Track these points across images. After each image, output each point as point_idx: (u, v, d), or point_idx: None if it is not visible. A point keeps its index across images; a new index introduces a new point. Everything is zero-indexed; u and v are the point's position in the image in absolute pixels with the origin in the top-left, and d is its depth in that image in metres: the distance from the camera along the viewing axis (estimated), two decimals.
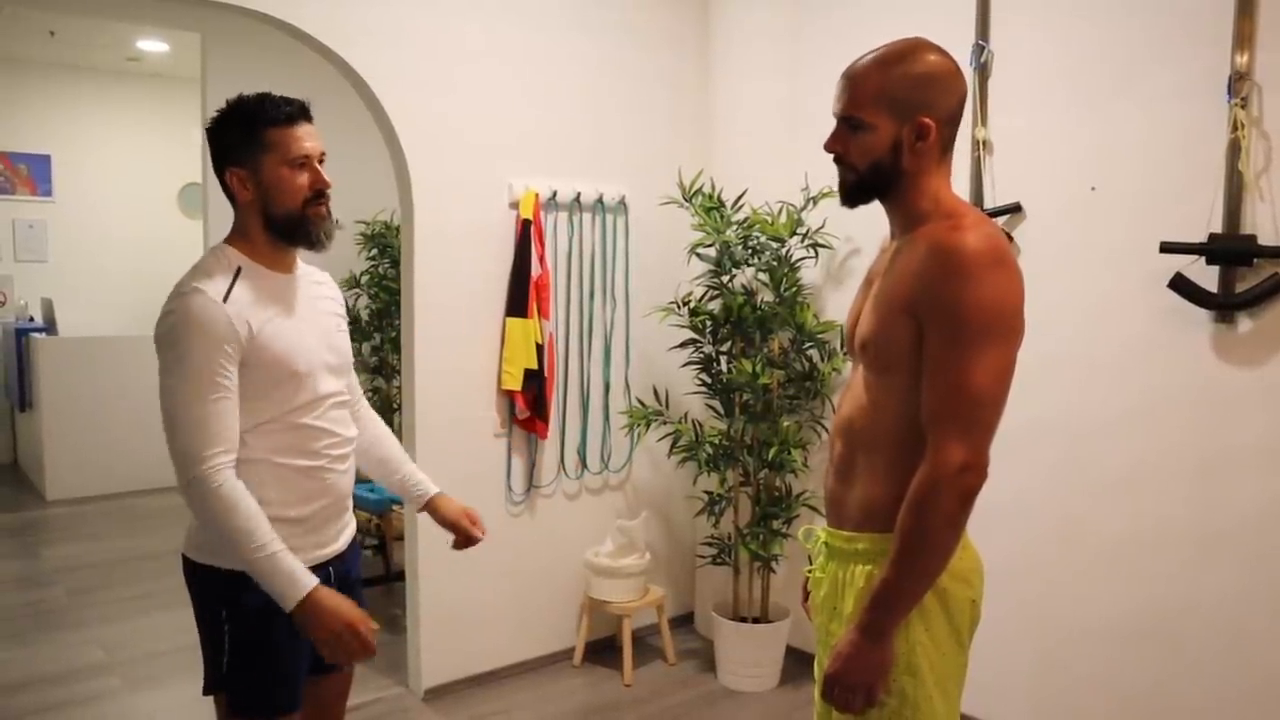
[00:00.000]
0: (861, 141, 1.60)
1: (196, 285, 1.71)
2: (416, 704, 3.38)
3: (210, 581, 1.80)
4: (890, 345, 1.57)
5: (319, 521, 1.87)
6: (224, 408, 1.70)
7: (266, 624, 1.76)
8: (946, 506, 1.47)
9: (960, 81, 1.62)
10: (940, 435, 1.48)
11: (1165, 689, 2.74)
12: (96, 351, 6.31)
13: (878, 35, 3.61)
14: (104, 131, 7.20)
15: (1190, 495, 2.69)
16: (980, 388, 1.47)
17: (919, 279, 1.51)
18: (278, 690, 1.84)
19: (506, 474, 3.55)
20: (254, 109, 1.77)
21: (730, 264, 3.43)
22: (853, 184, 1.66)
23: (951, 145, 1.64)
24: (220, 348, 1.69)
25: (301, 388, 1.79)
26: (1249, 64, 2.55)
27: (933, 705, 1.60)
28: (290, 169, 1.77)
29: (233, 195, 1.82)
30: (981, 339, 1.46)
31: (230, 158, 1.78)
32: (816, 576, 1.78)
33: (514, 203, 3.47)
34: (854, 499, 1.66)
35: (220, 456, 1.69)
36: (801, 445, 3.44)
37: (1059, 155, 2.92)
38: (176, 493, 1.80)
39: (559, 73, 3.58)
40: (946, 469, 1.46)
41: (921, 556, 1.51)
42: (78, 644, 3.91)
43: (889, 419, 1.60)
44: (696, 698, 3.48)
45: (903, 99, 1.56)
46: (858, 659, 1.55)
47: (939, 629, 1.60)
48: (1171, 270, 2.65)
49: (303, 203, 1.79)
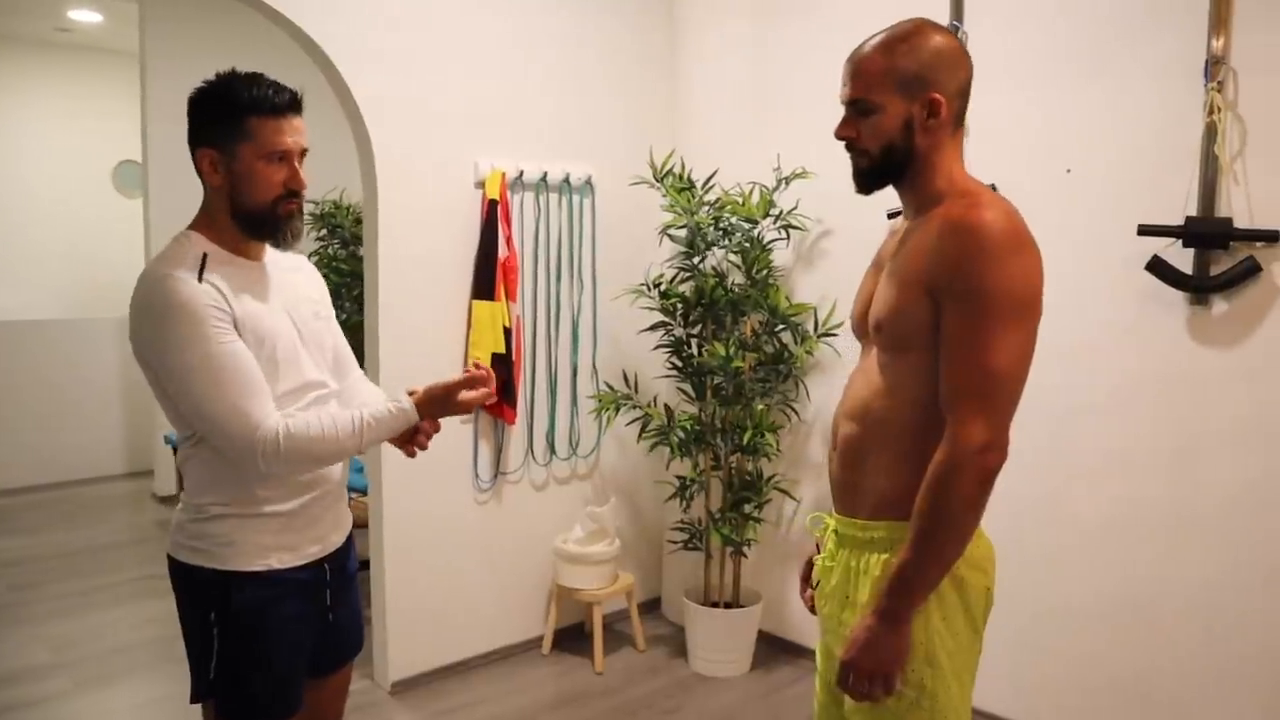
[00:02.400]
0: (872, 124, 1.57)
1: (167, 272, 1.61)
2: (384, 698, 3.30)
3: (196, 582, 1.71)
4: (907, 325, 1.54)
5: (314, 515, 1.78)
6: (240, 364, 1.61)
7: (258, 626, 1.69)
8: (966, 488, 1.45)
9: (966, 59, 1.60)
10: (960, 415, 1.46)
11: (1143, 668, 2.77)
12: (27, 335, 6.04)
13: (848, 14, 3.58)
14: (31, 106, 6.84)
15: (1166, 476, 2.71)
16: (1002, 367, 1.45)
17: (938, 257, 1.49)
18: (271, 695, 1.75)
19: (473, 461, 3.46)
20: (242, 91, 1.65)
21: (704, 245, 3.38)
22: (867, 169, 1.62)
23: (962, 121, 1.62)
24: (210, 316, 1.59)
25: (280, 376, 1.70)
26: (1225, 48, 2.55)
27: (950, 695, 1.58)
28: (267, 163, 1.67)
29: (202, 176, 1.71)
30: (1004, 318, 1.45)
31: (204, 137, 1.67)
32: (826, 565, 1.74)
33: (480, 182, 3.37)
34: (868, 485, 1.63)
35: (264, 415, 1.61)
36: (774, 429, 3.41)
37: (1034, 137, 2.92)
38: (116, 482, 1.71)
39: (525, 50, 3.48)
40: (967, 449, 1.44)
41: (941, 539, 1.49)
42: (21, 643, 3.74)
43: (905, 402, 1.57)
44: (669, 684, 3.45)
45: (910, 77, 1.54)
46: (876, 645, 1.52)
47: (956, 618, 1.58)
48: (1145, 253, 2.67)
49: (273, 200, 1.69)
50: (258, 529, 1.71)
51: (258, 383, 1.62)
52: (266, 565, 1.72)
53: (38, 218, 6.84)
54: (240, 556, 1.70)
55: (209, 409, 1.59)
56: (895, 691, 1.55)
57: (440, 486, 3.39)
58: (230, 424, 1.59)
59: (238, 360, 1.61)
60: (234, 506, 1.70)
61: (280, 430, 1.61)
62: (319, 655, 1.87)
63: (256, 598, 1.69)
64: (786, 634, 3.71)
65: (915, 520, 1.49)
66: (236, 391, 1.59)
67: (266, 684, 1.75)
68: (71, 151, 6.97)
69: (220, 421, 1.59)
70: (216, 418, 1.59)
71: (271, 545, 1.72)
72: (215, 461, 1.69)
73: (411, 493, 3.29)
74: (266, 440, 1.60)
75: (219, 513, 1.70)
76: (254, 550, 1.71)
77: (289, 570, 1.75)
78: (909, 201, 1.65)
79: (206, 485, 1.71)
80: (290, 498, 1.73)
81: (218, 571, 1.69)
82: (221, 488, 1.70)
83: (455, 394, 1.81)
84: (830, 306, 3.35)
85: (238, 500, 1.70)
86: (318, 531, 1.80)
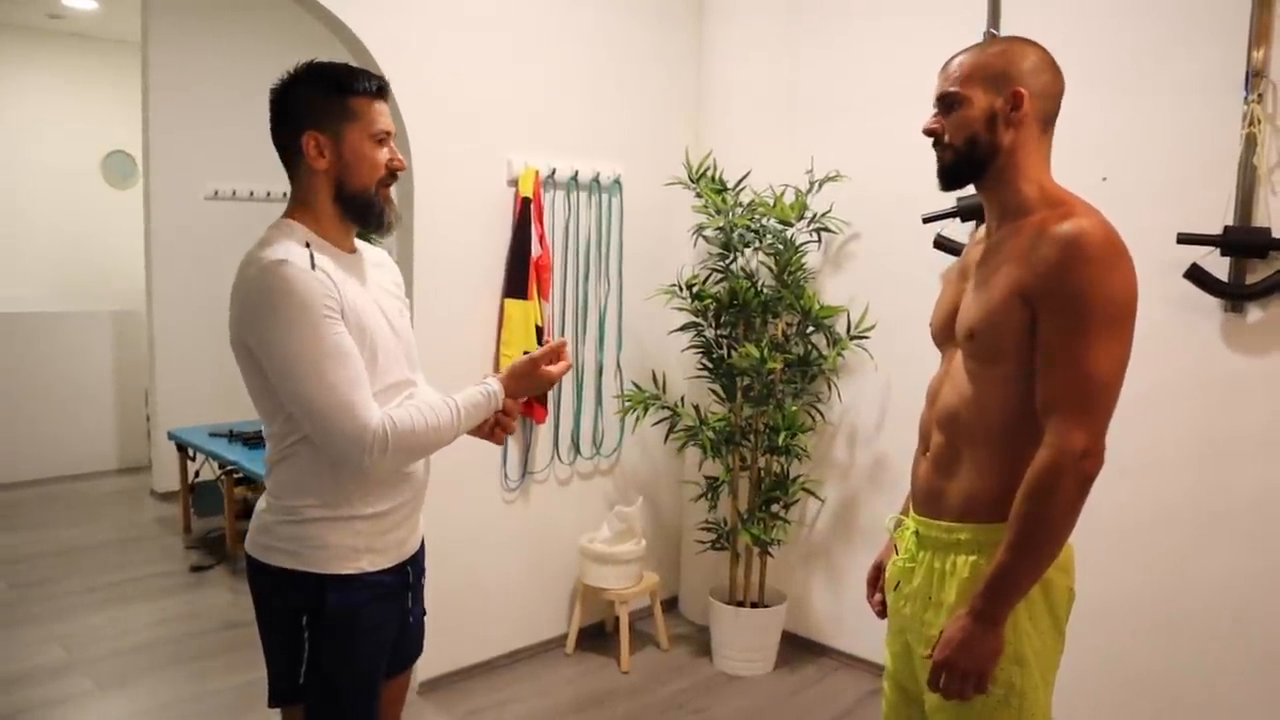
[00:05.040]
0: (957, 117, 1.62)
1: (280, 258, 1.56)
2: (413, 698, 3.27)
3: (288, 586, 1.68)
4: (1001, 334, 1.56)
5: (400, 518, 1.76)
6: (349, 357, 1.58)
7: (351, 628, 1.67)
8: (1067, 493, 1.48)
9: (1056, 69, 1.64)
10: (1061, 422, 1.49)
11: (1168, 666, 2.83)
12: (16, 327, 5.92)
13: (881, 16, 3.60)
14: (21, 95, 6.70)
15: (1194, 479, 2.77)
16: (1103, 375, 1.48)
17: (1040, 266, 1.51)
18: (360, 698, 1.73)
19: (503, 460, 3.45)
20: (343, 75, 1.66)
21: (741, 246, 3.39)
22: (950, 162, 1.65)
23: (1051, 126, 1.65)
24: (322, 305, 1.56)
25: (380, 372, 1.68)
26: (1265, 60, 2.61)
27: (1037, 693, 1.61)
28: (373, 143, 1.67)
29: (299, 162, 1.68)
30: (1105, 327, 1.48)
31: (310, 120, 1.65)
32: (905, 566, 1.76)
33: (513, 180, 3.35)
34: (956, 490, 1.65)
35: (370, 410, 1.58)
36: (804, 430, 3.44)
37: (1070, 145, 2.93)
38: (111, 477, 1.68)
39: (558, 47, 3.47)
40: (1068, 455, 1.47)
41: (1039, 542, 1.51)
42: (32, 642, 3.67)
43: (994, 410, 1.60)
44: (695, 684, 3.46)
45: (996, 72, 1.59)
46: (970, 645, 1.54)
47: (1042, 618, 1.61)
48: (1182, 260, 2.72)
49: (377, 181, 1.69)
50: (349, 532, 1.69)
51: (363, 377, 1.60)
52: (359, 568, 1.70)
53: (27, 208, 6.71)
54: (334, 559, 1.68)
55: (318, 401, 1.56)
56: (986, 691, 1.57)
57: (471, 486, 3.38)
58: (339, 418, 1.56)
59: (348, 353, 1.58)
60: (328, 509, 1.68)
61: (387, 425, 1.59)
62: (392, 656, 1.86)
63: (351, 600, 1.68)
64: (810, 633, 3.73)
65: (1014, 524, 1.52)
66: (346, 385, 1.56)
67: (357, 686, 1.73)
68: (62, 142, 6.84)
69: (329, 414, 1.56)
70: (325, 411, 1.56)
71: (362, 548, 1.71)
72: (313, 463, 1.66)
73: (443, 492, 3.21)
74: (376, 435, 1.58)
75: (314, 515, 1.67)
76: (346, 553, 1.69)
77: (378, 573, 1.74)
78: (994, 206, 1.67)
79: (301, 487, 1.68)
80: (382, 500, 1.72)
81: (313, 575, 1.66)
82: (317, 490, 1.67)
83: (539, 367, 1.82)
84: (862, 309, 3.38)
85: (332, 502, 1.68)
86: (401, 534, 1.79)
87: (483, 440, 1.87)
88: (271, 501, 1.73)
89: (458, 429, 1.71)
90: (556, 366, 1.83)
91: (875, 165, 3.40)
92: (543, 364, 1.82)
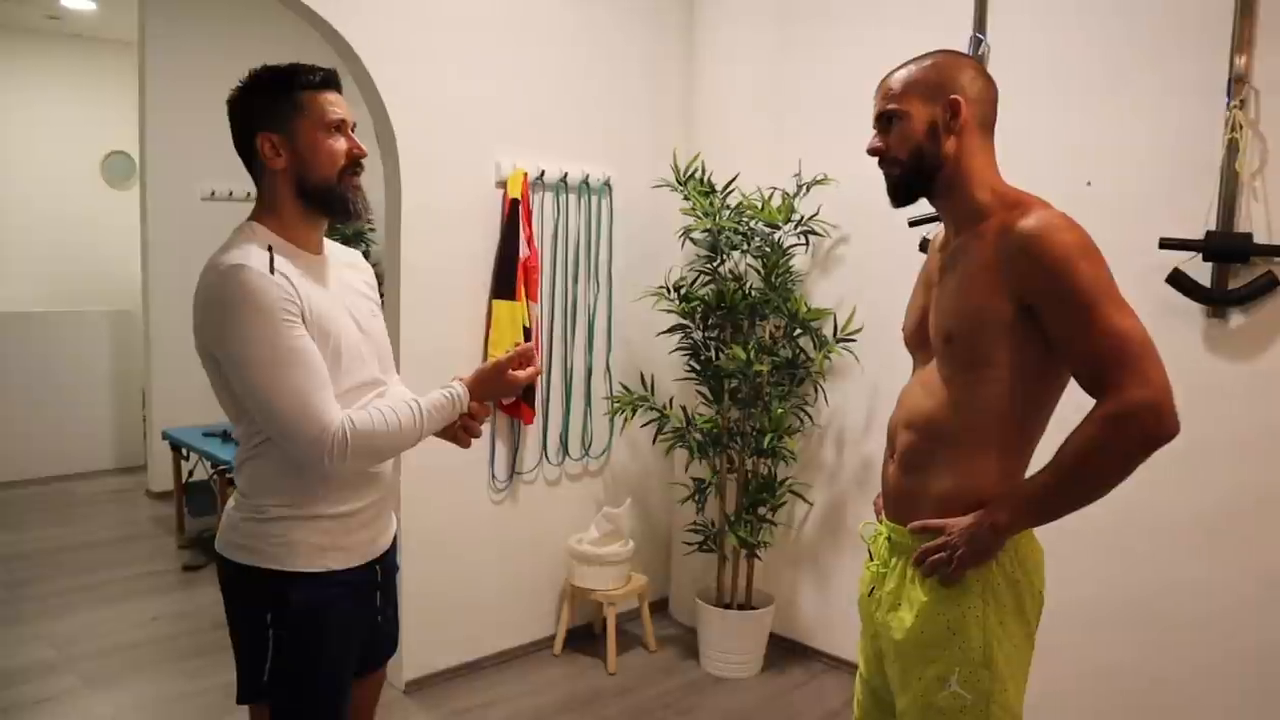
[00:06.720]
0: (899, 132, 1.65)
1: (238, 263, 1.58)
2: (399, 697, 3.29)
3: (253, 582, 1.70)
4: (980, 336, 1.57)
5: (368, 518, 1.77)
6: (309, 360, 1.59)
7: (316, 626, 1.68)
8: (1130, 441, 1.45)
9: (988, 77, 1.67)
10: (1113, 383, 1.45)
11: (1143, 671, 2.83)
12: (14, 327, 5.95)
13: (869, 21, 3.62)
14: (20, 95, 6.74)
15: (1175, 483, 2.77)
16: (1130, 327, 1.46)
17: (1023, 267, 1.51)
18: (326, 697, 1.74)
19: (490, 461, 3.47)
20: (286, 72, 1.67)
21: (728, 248, 3.41)
22: (899, 178, 1.68)
23: (990, 129, 1.67)
24: (281, 309, 1.57)
25: (343, 372, 1.69)
26: (1247, 67, 2.62)
27: (1006, 696, 1.61)
28: (326, 134, 1.67)
29: (260, 164, 1.69)
30: (1108, 297, 1.48)
31: (260, 122, 1.66)
32: (879, 571, 1.76)
33: (501, 182, 3.37)
34: (930, 493, 1.66)
35: (331, 412, 1.59)
36: (791, 432, 3.45)
37: (1055, 150, 2.97)
38: (107, 477, 1.69)
39: (546, 49, 3.49)
40: (1134, 404, 1.44)
41: (1083, 478, 1.50)
42: (21, 640, 3.69)
43: (972, 413, 1.60)
44: (683, 685, 3.48)
45: (931, 84, 1.63)
46: (971, 533, 1.56)
47: (1011, 622, 1.61)
48: (1163, 265, 2.72)
49: (339, 172, 1.69)
50: (315, 530, 1.70)
51: (323, 379, 1.61)
52: (324, 566, 1.71)
53: (25, 208, 6.74)
54: (298, 557, 1.69)
55: (276, 405, 1.57)
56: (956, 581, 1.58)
57: (459, 486, 3.39)
58: (298, 421, 1.57)
59: (307, 356, 1.59)
60: (293, 508, 1.69)
61: (347, 427, 1.60)
62: (363, 655, 1.87)
63: (315, 598, 1.68)
64: (797, 636, 3.74)
65: (1067, 453, 1.50)
66: (305, 388, 1.57)
67: (322, 685, 1.74)
68: (60, 142, 6.87)
69: (287, 418, 1.58)
70: (284, 414, 1.57)
71: (328, 546, 1.72)
72: (280, 463, 1.67)
73: (430, 492, 3.29)
74: (335, 438, 1.59)
75: (278, 514, 1.69)
76: (311, 550, 1.70)
77: (345, 571, 1.75)
78: (948, 215, 1.69)
79: (268, 486, 1.69)
80: (349, 501, 1.73)
81: (275, 572, 1.67)
82: (283, 489, 1.69)
83: (505, 372, 1.82)
84: (849, 312, 3.40)
85: (298, 501, 1.69)
86: (370, 533, 1.80)
87: (479, 444, 1.87)
88: (240, 500, 1.75)
89: (420, 431, 1.72)
90: (524, 372, 1.84)
91: (862, 169, 3.31)
92: (510, 368, 1.83)
